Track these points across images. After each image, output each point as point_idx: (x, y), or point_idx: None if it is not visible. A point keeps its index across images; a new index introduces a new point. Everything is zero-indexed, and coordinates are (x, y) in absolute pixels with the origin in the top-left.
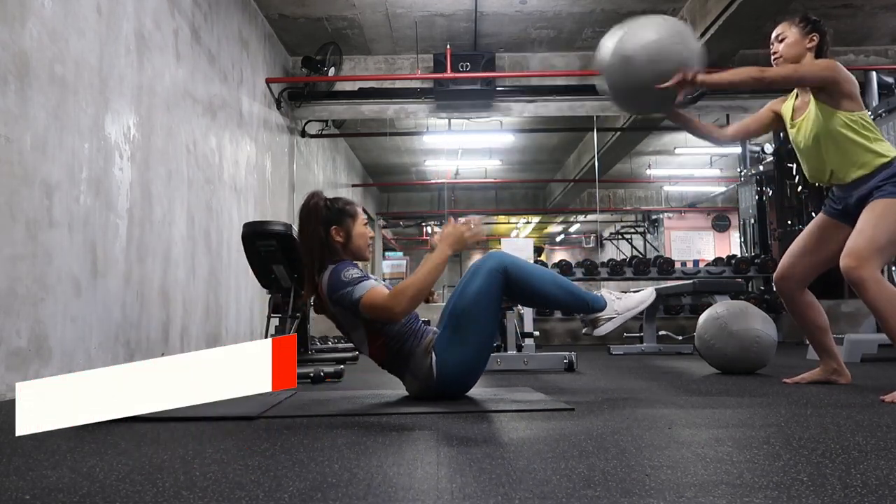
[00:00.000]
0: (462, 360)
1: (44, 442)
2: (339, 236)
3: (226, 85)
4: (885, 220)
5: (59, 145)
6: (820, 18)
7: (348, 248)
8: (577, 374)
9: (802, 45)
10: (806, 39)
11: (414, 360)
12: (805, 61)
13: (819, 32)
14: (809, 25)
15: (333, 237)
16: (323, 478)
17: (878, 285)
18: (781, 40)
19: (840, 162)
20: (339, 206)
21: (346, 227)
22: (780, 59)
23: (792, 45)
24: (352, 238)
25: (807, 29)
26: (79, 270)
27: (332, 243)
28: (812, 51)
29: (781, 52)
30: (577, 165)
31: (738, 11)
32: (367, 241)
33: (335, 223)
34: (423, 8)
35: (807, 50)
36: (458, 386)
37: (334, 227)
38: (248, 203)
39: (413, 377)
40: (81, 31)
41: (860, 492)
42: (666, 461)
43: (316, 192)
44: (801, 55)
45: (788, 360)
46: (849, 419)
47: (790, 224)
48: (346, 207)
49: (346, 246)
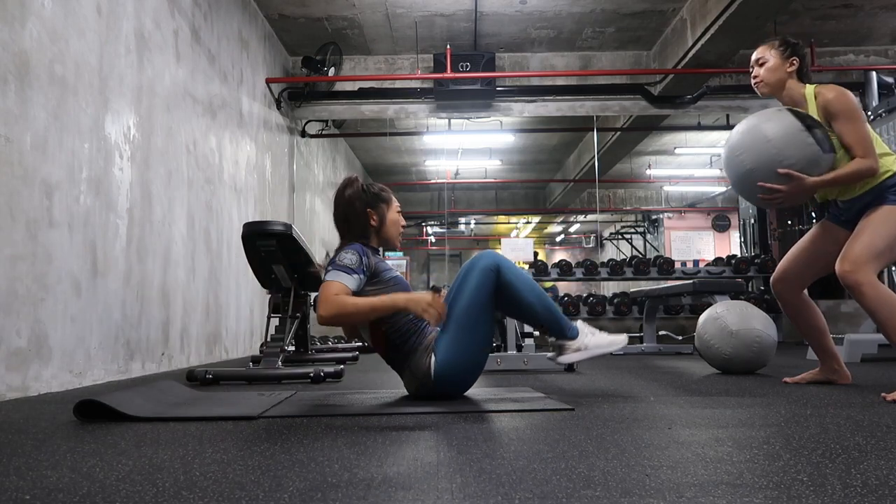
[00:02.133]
0: (460, 360)
1: (44, 442)
2: (374, 220)
3: (226, 85)
4: (884, 226)
5: (59, 145)
6: (798, 41)
7: (381, 233)
8: (577, 374)
9: (783, 70)
10: (786, 64)
11: (415, 358)
12: (789, 85)
13: (799, 56)
14: (789, 49)
15: (369, 219)
16: (323, 478)
17: (875, 289)
18: (762, 64)
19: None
20: (375, 191)
21: (380, 212)
22: (761, 83)
23: (773, 70)
24: (385, 224)
25: (786, 53)
26: (79, 270)
27: (367, 226)
28: (793, 76)
29: (762, 78)
30: (577, 165)
31: (738, 11)
32: (398, 229)
33: (370, 206)
34: (423, 8)
35: (787, 75)
36: (456, 386)
37: (369, 209)
38: (248, 203)
39: (412, 375)
40: (81, 31)
41: (860, 492)
42: (666, 461)
43: (353, 176)
44: (782, 81)
45: (788, 360)
46: (849, 419)
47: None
48: (381, 193)
49: (378, 230)
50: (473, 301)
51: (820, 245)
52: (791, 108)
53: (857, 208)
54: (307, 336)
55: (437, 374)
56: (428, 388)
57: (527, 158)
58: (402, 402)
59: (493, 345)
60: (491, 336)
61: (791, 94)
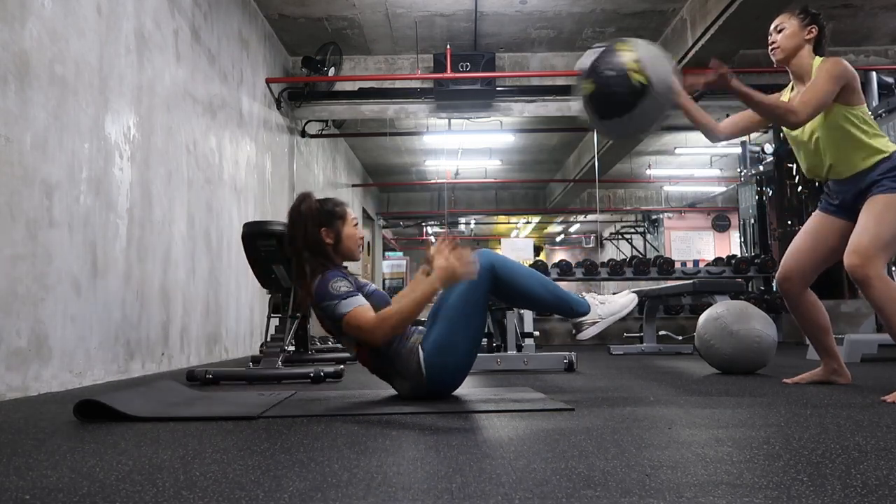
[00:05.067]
0: (451, 358)
1: (44, 442)
2: (329, 238)
3: (226, 85)
4: (888, 217)
5: (59, 145)
6: (820, 12)
7: (338, 250)
8: (577, 374)
9: (801, 37)
10: (805, 31)
11: (400, 361)
12: (802, 53)
13: (818, 25)
14: (808, 18)
15: (323, 238)
16: (323, 478)
17: (884, 283)
18: (780, 31)
19: (838, 157)
20: (329, 208)
21: (335, 229)
22: (777, 49)
23: (790, 36)
24: (342, 239)
25: (806, 21)
26: (79, 270)
27: (323, 245)
28: (810, 43)
29: (779, 43)
30: (577, 165)
31: (738, 11)
32: (357, 243)
33: (325, 224)
34: (423, 8)
35: (805, 42)
36: (448, 384)
37: (324, 228)
38: (248, 203)
39: (402, 378)
40: (81, 31)
41: (860, 492)
42: (666, 461)
43: (305, 193)
44: (798, 47)
45: (788, 360)
46: (849, 419)
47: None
48: (335, 209)
49: (336, 247)
50: (465, 299)
51: (819, 238)
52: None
53: (852, 193)
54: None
55: (428, 373)
56: (421, 388)
57: (527, 158)
58: (402, 402)
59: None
60: (482, 334)
61: (801, 63)
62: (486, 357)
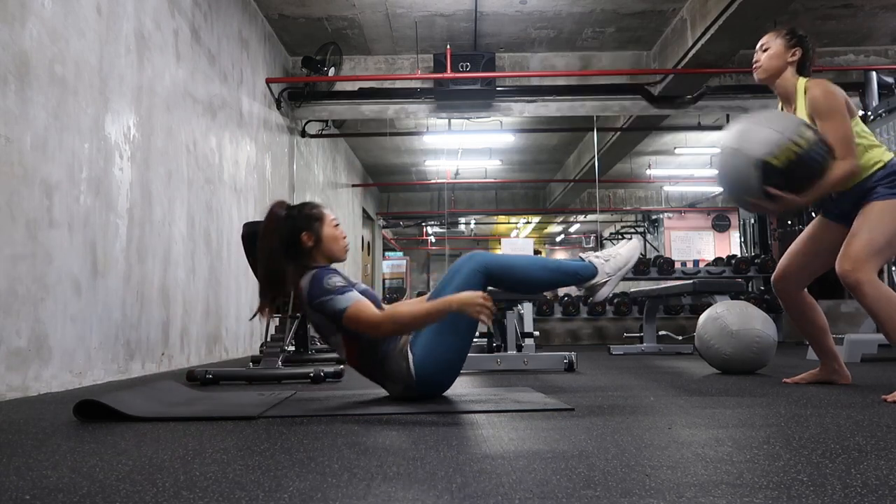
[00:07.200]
0: (441, 359)
1: (44, 442)
2: (310, 241)
3: (226, 85)
4: (882, 223)
5: (59, 145)
6: (807, 35)
7: (321, 252)
8: (577, 374)
9: (784, 59)
10: (788, 53)
11: (389, 363)
12: (785, 75)
13: (803, 48)
14: (794, 39)
15: (305, 243)
16: (323, 478)
17: (875, 288)
18: (765, 50)
19: None
20: (306, 212)
21: (315, 231)
22: (759, 68)
23: (773, 56)
24: (322, 241)
25: (791, 42)
26: (79, 270)
27: (304, 249)
28: (793, 65)
29: (762, 63)
30: (577, 165)
31: (738, 11)
32: (339, 243)
33: (304, 229)
34: (423, 8)
35: (787, 64)
36: (438, 385)
37: (305, 232)
38: (248, 203)
39: (392, 381)
40: (81, 31)
41: (860, 492)
42: (666, 461)
43: (277, 202)
44: (780, 69)
45: (788, 360)
46: (849, 419)
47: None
48: (312, 212)
49: (318, 249)
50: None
51: (818, 242)
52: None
53: (851, 200)
54: (307, 336)
55: (418, 375)
56: (412, 390)
57: (527, 158)
58: (402, 402)
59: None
60: (472, 336)
61: (785, 85)
62: (486, 357)
